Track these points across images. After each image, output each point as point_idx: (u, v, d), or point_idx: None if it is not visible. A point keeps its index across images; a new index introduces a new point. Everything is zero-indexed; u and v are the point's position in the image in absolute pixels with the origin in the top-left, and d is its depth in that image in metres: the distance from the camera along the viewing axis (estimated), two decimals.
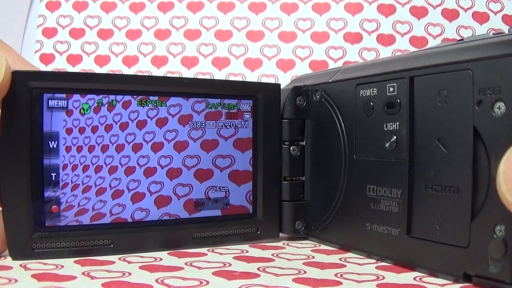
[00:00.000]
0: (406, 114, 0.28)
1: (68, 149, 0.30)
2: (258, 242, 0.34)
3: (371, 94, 0.30)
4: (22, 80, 0.28)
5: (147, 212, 0.32)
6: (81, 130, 0.30)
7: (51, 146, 0.29)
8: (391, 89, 0.29)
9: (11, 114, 0.28)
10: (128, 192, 0.31)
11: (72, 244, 0.29)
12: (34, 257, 0.28)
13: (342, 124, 0.33)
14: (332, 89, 0.34)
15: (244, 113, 0.34)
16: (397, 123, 0.28)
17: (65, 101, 0.30)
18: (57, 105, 0.29)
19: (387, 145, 0.29)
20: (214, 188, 0.34)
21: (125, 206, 0.31)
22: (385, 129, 0.29)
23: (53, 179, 0.29)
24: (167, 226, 0.32)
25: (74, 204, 0.30)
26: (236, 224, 0.34)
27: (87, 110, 0.30)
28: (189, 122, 0.33)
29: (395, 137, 0.28)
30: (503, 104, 0.23)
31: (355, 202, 0.31)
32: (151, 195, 0.32)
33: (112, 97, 0.31)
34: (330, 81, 0.34)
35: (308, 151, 0.35)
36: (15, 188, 0.28)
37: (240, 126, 0.34)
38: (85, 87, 0.30)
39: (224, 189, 0.34)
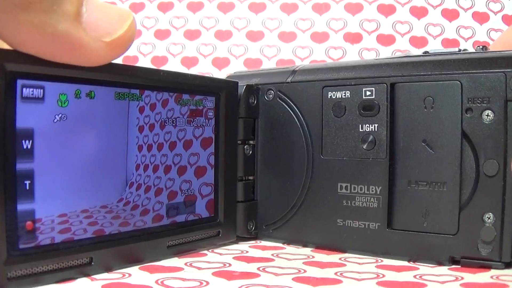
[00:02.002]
0: (385, 116, 0.30)
1: (44, 150, 0.24)
2: (218, 246, 0.33)
3: (343, 97, 0.32)
4: None
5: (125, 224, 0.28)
6: (60, 128, 0.25)
7: (25, 147, 0.23)
8: (368, 92, 0.31)
9: None
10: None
11: (51, 267, 0.24)
12: (11, 286, 0.22)
13: (304, 124, 0.33)
14: (291, 89, 0.34)
15: (208, 111, 0.32)
16: (375, 125, 0.31)
17: (41, 90, 0.24)
18: (32, 94, 0.23)
19: (364, 145, 0.31)
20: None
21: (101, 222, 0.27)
22: (361, 130, 0.31)
23: (27, 188, 0.23)
24: (142, 236, 0.28)
25: (51, 218, 0.24)
26: (200, 228, 0.32)
27: (64, 102, 0.25)
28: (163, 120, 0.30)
29: (372, 137, 0.31)
30: (492, 112, 0.27)
31: (324, 199, 0.33)
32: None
33: (91, 87, 0.26)
34: (287, 81, 0.34)
35: (258, 150, 0.35)
36: None
37: (206, 124, 0.32)
38: (64, 74, 0.24)
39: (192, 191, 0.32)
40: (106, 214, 0.27)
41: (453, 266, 0.28)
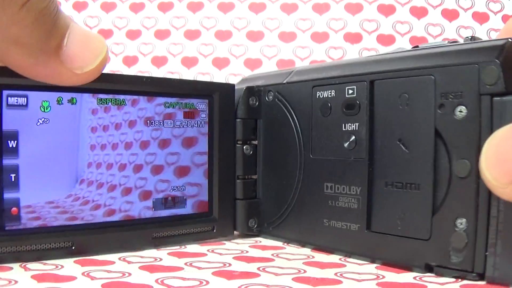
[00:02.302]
0: (365, 115, 0.29)
1: (28, 149, 0.28)
2: (214, 241, 0.35)
3: (329, 96, 0.31)
4: None
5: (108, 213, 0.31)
6: (43, 130, 0.29)
7: (10, 146, 0.27)
8: (350, 91, 0.30)
9: None
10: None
11: (33, 247, 0.28)
12: None
13: (297, 124, 0.34)
14: (287, 90, 0.35)
15: (201, 112, 0.34)
16: (357, 124, 0.30)
17: (25, 99, 0.28)
18: (17, 102, 0.28)
19: (346, 144, 0.30)
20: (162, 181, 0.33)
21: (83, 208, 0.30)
22: (344, 129, 0.30)
23: (13, 179, 0.27)
24: (127, 226, 0.31)
25: (36, 205, 0.28)
26: (194, 223, 0.34)
27: (47, 108, 0.29)
28: (149, 122, 0.32)
29: (354, 137, 0.30)
30: (464, 108, 0.25)
31: (312, 199, 0.32)
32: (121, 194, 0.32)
33: (72, 95, 0.29)
34: (284, 82, 0.35)
35: (260, 150, 0.36)
36: None
37: (196, 125, 0.34)
38: (46, 84, 0.27)
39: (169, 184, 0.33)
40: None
41: (428, 274, 0.26)
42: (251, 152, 0.36)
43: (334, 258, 0.31)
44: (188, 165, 0.34)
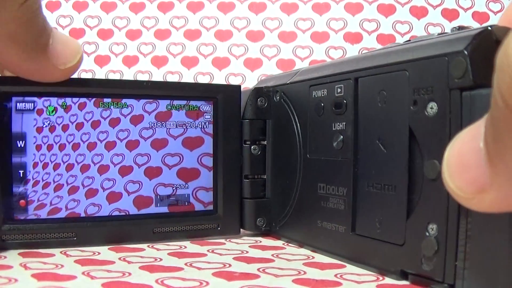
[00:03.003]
0: (351, 114, 0.28)
1: (35, 148, 0.32)
2: (219, 238, 0.36)
3: (322, 95, 0.31)
4: None
5: (99, 207, 0.33)
6: (48, 130, 0.32)
7: (19, 146, 0.31)
8: (339, 90, 0.30)
9: None
10: (103, 191, 0.33)
11: (38, 236, 0.31)
12: (4, 246, 0.30)
13: (298, 124, 0.34)
14: (290, 90, 0.35)
15: (205, 114, 0.35)
16: (344, 123, 0.29)
17: (32, 104, 0.31)
18: (25, 107, 0.31)
19: (334, 144, 0.30)
20: (164, 184, 0.35)
21: (79, 201, 0.33)
22: (334, 129, 0.30)
23: (21, 176, 0.31)
24: (126, 221, 0.33)
25: (41, 199, 0.32)
26: (197, 220, 0.35)
27: (52, 112, 0.32)
28: (141, 122, 0.34)
29: (341, 136, 0.29)
30: (435, 104, 0.23)
31: (308, 200, 0.32)
32: (129, 195, 0.34)
33: (81, 99, 0.32)
34: (288, 82, 0.35)
35: (269, 150, 0.37)
36: None
37: (201, 126, 0.35)
38: (50, 91, 0.31)
39: (172, 186, 0.35)
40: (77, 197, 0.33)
41: (403, 282, 0.25)
42: (259, 152, 0.36)
43: (334, 258, 0.31)
44: (193, 166, 0.35)
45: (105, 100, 0.33)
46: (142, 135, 0.34)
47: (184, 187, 0.35)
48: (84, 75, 0.60)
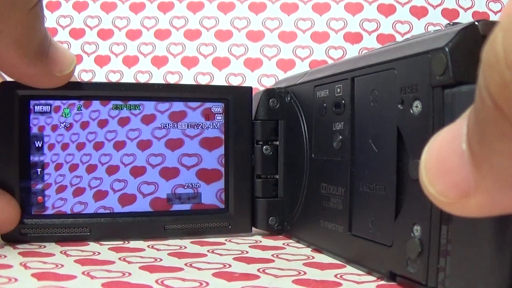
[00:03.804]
0: (348, 114, 0.28)
1: (50, 148, 0.34)
2: (230, 236, 0.36)
3: (324, 95, 0.31)
4: (11, 89, 0.32)
5: (111, 210, 0.35)
6: (63, 132, 0.34)
7: (37, 146, 0.33)
8: (338, 90, 0.29)
9: (2, 118, 0.32)
10: (114, 193, 0.35)
11: (54, 231, 0.33)
12: (22, 240, 0.33)
13: (305, 124, 0.34)
14: (298, 91, 0.35)
15: (216, 115, 0.36)
16: (342, 123, 0.29)
17: (49, 107, 0.34)
18: (42, 109, 0.33)
19: (334, 144, 0.30)
20: (183, 186, 0.36)
21: (87, 204, 0.35)
22: (334, 129, 0.30)
23: (39, 173, 0.33)
24: (140, 217, 0.35)
25: (57, 196, 0.34)
26: (208, 218, 0.36)
27: (67, 114, 0.34)
28: (153, 122, 0.35)
29: (340, 136, 0.29)
30: (420, 103, 0.22)
31: (313, 200, 0.32)
32: (144, 197, 0.35)
33: (92, 103, 0.34)
34: (297, 83, 0.35)
35: (281, 150, 0.37)
36: (6, 181, 0.32)
37: (211, 127, 0.36)
38: (66, 94, 0.34)
39: (193, 186, 0.36)
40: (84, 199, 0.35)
41: (392, 283, 0.24)
42: (271, 153, 0.37)
43: (335, 259, 0.31)
44: (208, 167, 0.36)
45: (118, 102, 0.35)
46: (155, 135, 0.35)
47: (205, 188, 0.36)
48: (84, 75, 0.60)
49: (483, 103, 0.14)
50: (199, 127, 0.36)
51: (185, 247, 0.33)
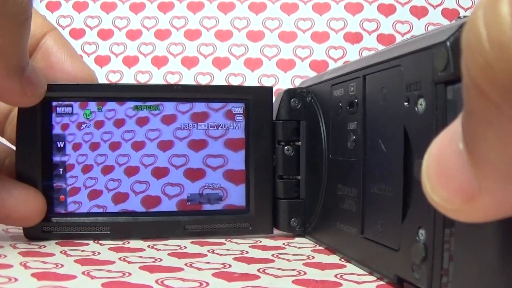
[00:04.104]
0: (361, 113, 0.27)
1: (73, 148, 0.35)
2: (252, 237, 0.36)
3: (340, 94, 0.30)
4: None
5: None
6: (85, 133, 0.35)
7: (59, 146, 0.34)
8: (352, 88, 0.29)
9: (26, 119, 0.33)
10: (136, 196, 0.35)
11: (75, 229, 0.34)
12: (44, 237, 0.34)
13: (323, 124, 0.33)
14: (318, 90, 0.35)
15: (236, 115, 0.36)
16: (355, 123, 0.28)
17: (70, 108, 0.34)
18: (64, 111, 0.34)
19: (348, 144, 0.29)
20: (208, 186, 0.36)
21: (106, 208, 0.35)
22: (348, 128, 0.29)
23: (61, 173, 0.34)
24: (159, 217, 0.35)
25: (78, 195, 0.35)
26: (229, 218, 0.36)
27: (89, 115, 0.35)
28: (174, 123, 0.35)
29: (354, 136, 0.28)
30: (424, 100, 0.21)
31: (331, 201, 0.32)
32: (169, 199, 0.35)
33: (111, 104, 0.35)
34: (317, 82, 0.35)
35: (303, 151, 0.36)
36: (30, 180, 0.33)
37: (234, 127, 0.36)
38: (87, 95, 0.35)
39: (219, 188, 0.36)
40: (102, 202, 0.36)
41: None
42: (293, 153, 0.36)
43: (334, 258, 0.31)
44: (234, 168, 0.36)
45: (138, 103, 0.35)
46: (176, 135, 0.35)
47: (233, 189, 0.36)
48: None
49: (468, 93, 0.13)
50: (222, 128, 0.36)
51: (185, 247, 0.33)
